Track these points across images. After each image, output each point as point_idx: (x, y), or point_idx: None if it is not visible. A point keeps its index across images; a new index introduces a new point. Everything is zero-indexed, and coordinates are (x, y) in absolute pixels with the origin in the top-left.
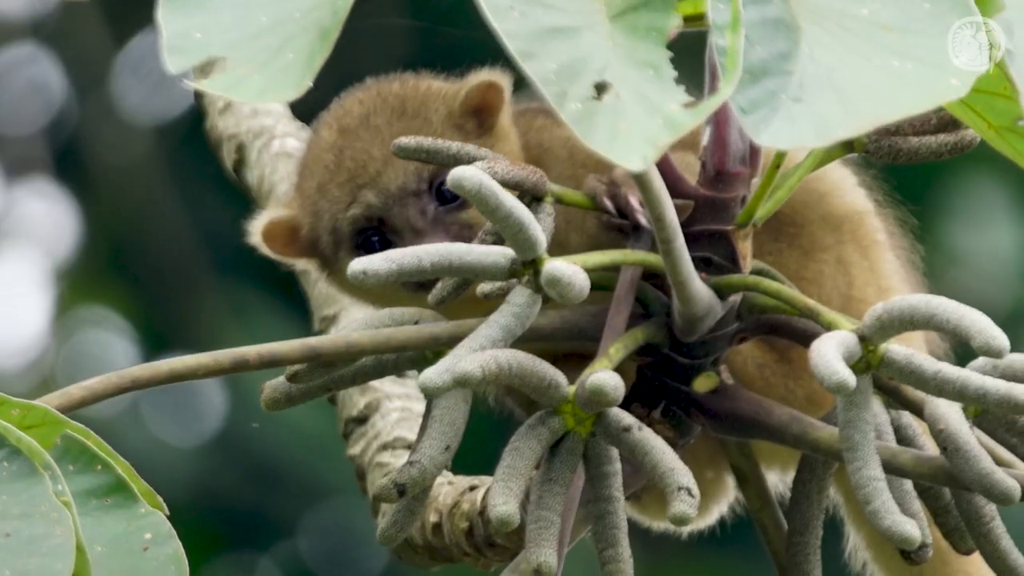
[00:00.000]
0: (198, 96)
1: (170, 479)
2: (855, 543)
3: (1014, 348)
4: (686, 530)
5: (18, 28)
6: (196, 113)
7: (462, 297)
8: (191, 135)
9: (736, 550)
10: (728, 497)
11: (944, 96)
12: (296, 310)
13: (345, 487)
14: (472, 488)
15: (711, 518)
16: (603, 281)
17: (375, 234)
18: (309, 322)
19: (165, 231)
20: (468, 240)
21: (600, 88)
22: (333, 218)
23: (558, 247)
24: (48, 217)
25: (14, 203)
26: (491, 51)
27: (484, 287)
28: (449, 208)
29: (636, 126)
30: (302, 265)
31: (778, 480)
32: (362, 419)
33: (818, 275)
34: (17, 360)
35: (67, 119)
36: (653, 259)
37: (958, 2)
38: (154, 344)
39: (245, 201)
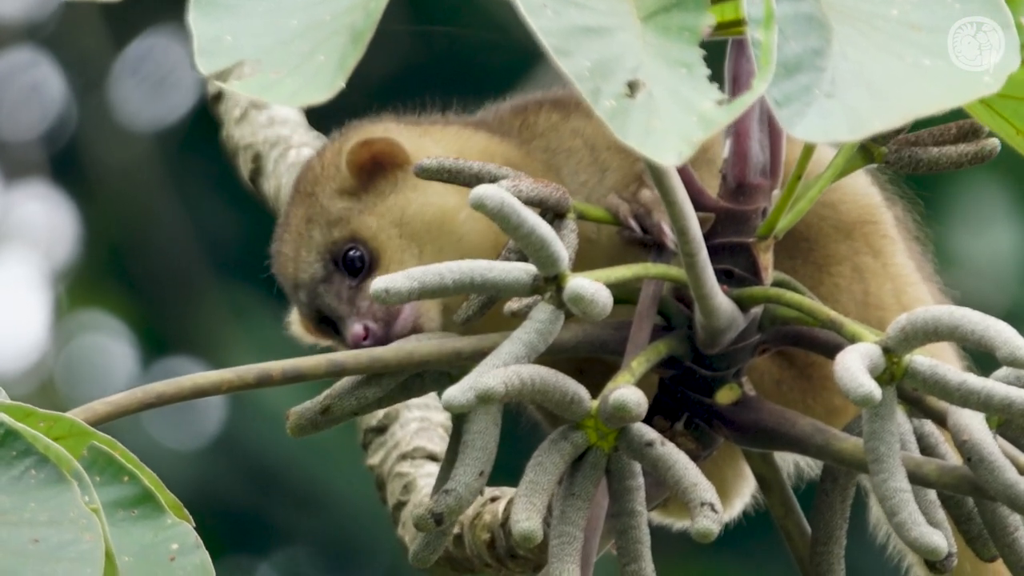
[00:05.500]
0: (214, 106)
1: (169, 482)
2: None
3: None
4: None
5: (17, 32)
6: (195, 117)
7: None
8: (190, 139)
9: (734, 550)
10: (749, 491)
11: (977, 91)
12: None
13: (346, 491)
14: (493, 499)
15: (734, 512)
16: (625, 294)
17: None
18: None
19: (164, 234)
20: (385, 321)
21: (633, 86)
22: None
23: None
24: (47, 221)
25: (13, 207)
26: (490, 52)
27: (512, 305)
28: (361, 280)
29: (670, 123)
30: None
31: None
32: (381, 429)
33: (834, 289)
34: (16, 364)
35: (66, 123)
36: (675, 272)
37: (988, 3)
38: (153, 348)
39: (244, 204)
